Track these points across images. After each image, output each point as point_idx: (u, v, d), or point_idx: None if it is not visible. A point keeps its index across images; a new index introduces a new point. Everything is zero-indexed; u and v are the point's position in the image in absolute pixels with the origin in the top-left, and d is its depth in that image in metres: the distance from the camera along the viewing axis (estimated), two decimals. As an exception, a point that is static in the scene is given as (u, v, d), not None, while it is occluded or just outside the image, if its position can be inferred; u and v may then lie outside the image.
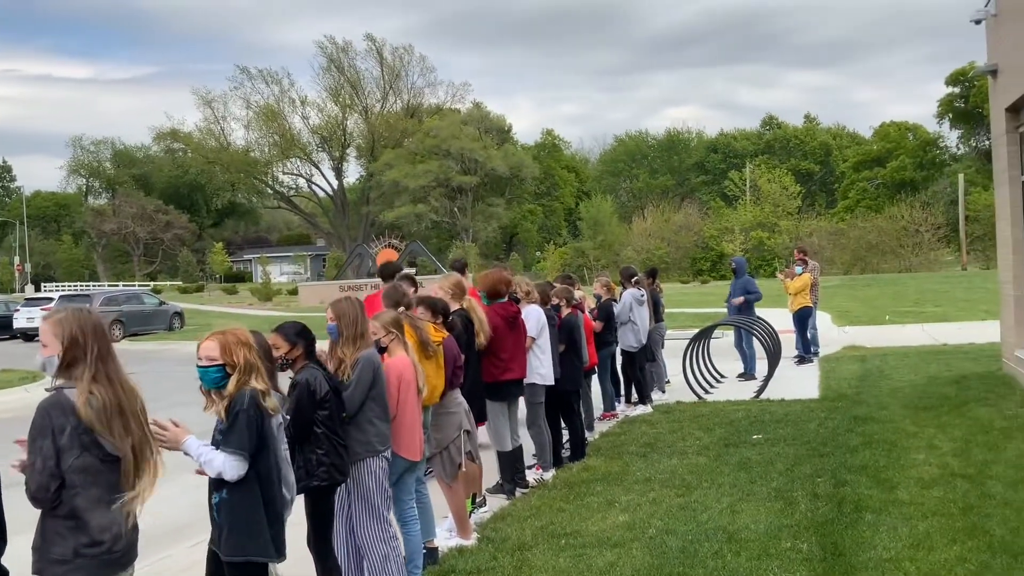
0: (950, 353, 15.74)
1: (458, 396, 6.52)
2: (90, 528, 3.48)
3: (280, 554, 4.17)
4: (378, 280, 10.73)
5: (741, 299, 14.36)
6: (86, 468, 3.46)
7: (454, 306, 7.10)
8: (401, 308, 6.23)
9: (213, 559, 4.25)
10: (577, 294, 9.77)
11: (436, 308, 6.61)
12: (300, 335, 4.98)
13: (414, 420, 5.69)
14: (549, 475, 8.22)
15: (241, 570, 4.12)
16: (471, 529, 6.57)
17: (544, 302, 8.64)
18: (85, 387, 3.47)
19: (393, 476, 5.67)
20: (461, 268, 10.67)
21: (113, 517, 3.53)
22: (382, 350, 5.66)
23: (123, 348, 25.10)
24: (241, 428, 3.95)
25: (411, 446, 5.68)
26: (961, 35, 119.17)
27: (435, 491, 6.42)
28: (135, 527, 3.65)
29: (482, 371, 7.48)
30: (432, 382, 6.09)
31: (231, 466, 3.96)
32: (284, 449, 4.59)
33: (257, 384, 4.04)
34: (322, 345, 5.30)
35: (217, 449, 4.01)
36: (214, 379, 4.05)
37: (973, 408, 10.16)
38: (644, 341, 11.52)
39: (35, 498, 3.46)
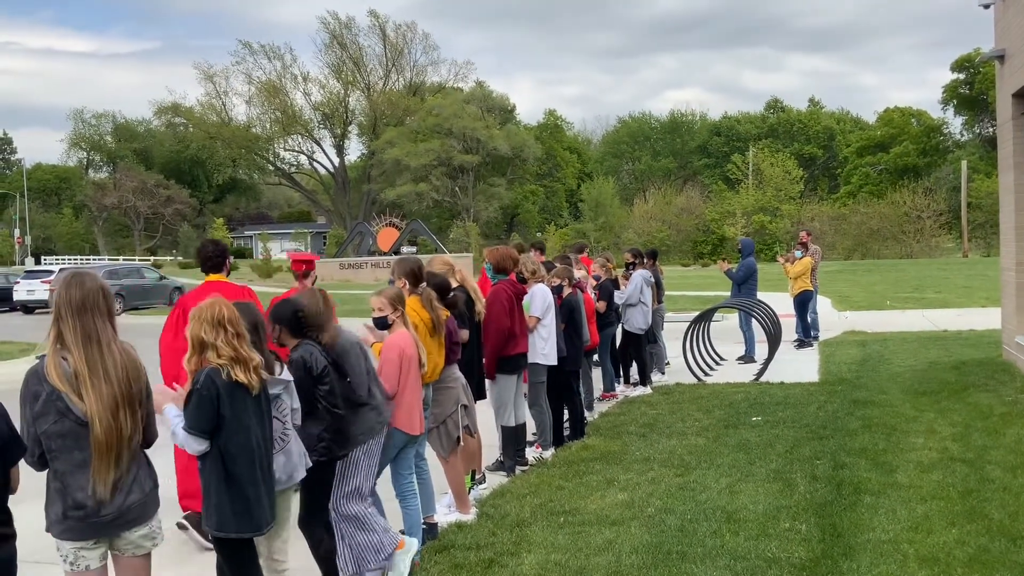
0: (950, 339, 15.76)
1: (455, 371, 6.52)
2: (72, 491, 3.52)
3: (242, 529, 4.10)
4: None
5: (726, 265, 14.55)
6: (64, 433, 3.50)
7: (452, 283, 7.08)
8: (422, 285, 6.23)
9: None
10: (578, 274, 9.75)
11: (436, 285, 6.59)
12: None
13: (414, 395, 5.69)
14: (549, 454, 8.24)
15: (214, 538, 4.22)
16: (470, 505, 6.59)
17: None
18: (51, 352, 3.53)
19: (392, 451, 5.67)
20: (581, 249, 12.28)
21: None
22: (384, 326, 5.65)
23: (123, 322, 25.04)
24: (192, 407, 3.98)
25: (410, 421, 5.67)
26: (966, 21, 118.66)
27: (435, 467, 6.44)
28: (133, 492, 3.63)
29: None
30: (435, 359, 6.10)
31: (189, 442, 4.00)
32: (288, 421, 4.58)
33: (217, 361, 3.98)
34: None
35: None
36: None
37: (973, 394, 10.16)
38: (650, 322, 11.55)
39: (29, 462, 3.55)
